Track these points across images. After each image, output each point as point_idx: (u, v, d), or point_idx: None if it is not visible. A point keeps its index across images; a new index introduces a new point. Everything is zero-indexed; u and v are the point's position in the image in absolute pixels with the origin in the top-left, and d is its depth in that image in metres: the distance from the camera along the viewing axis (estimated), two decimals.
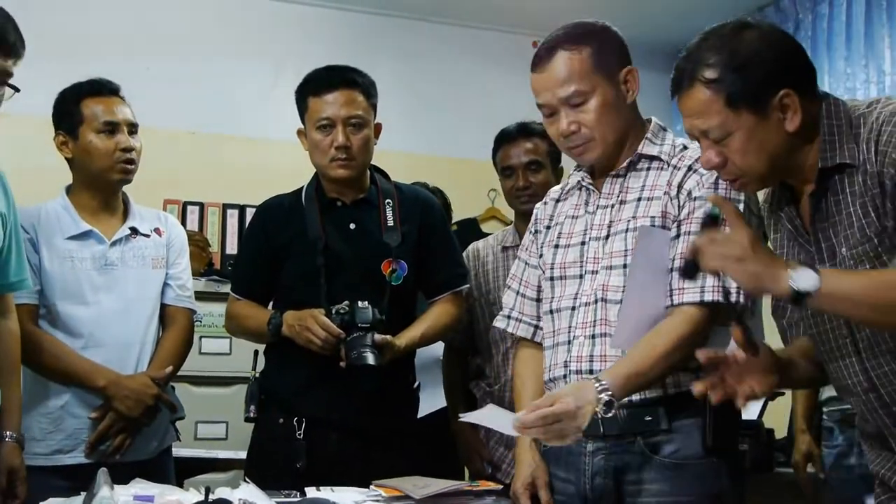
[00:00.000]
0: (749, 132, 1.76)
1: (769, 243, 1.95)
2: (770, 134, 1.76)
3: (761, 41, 1.78)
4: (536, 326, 2.34)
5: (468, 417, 2.16)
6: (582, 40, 2.15)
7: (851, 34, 4.50)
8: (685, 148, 2.20)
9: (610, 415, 1.95)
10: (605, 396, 1.93)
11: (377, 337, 2.59)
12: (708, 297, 2.04)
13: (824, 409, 3.38)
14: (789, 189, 1.89)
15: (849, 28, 4.51)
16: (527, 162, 3.25)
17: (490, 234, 3.91)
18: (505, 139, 3.34)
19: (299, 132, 2.83)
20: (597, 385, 1.94)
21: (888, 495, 1.92)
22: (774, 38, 1.81)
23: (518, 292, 2.39)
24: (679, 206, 2.13)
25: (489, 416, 2.06)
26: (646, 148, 2.21)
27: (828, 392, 3.31)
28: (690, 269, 1.79)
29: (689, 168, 2.15)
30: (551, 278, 2.27)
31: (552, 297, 2.26)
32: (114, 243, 2.82)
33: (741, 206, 2.05)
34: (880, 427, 1.85)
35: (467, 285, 2.99)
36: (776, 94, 1.74)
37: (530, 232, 2.42)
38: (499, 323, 2.41)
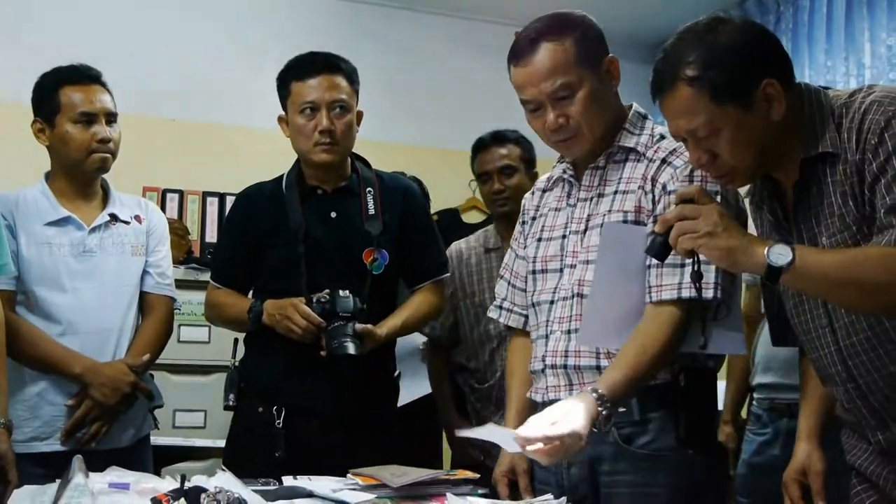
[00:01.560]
0: (736, 126, 1.75)
1: None
2: (757, 125, 1.76)
3: (737, 34, 1.77)
4: (527, 316, 2.34)
5: (468, 433, 2.11)
6: (564, 31, 2.11)
7: (832, 27, 4.51)
8: (662, 138, 2.18)
9: (606, 429, 1.95)
10: (605, 411, 1.92)
11: (358, 326, 2.60)
12: (685, 294, 2.03)
13: (755, 396, 3.42)
14: (772, 182, 1.89)
15: (829, 21, 4.53)
16: (501, 167, 3.41)
17: (471, 223, 3.94)
18: (480, 147, 3.51)
19: (280, 119, 2.82)
20: (596, 398, 1.92)
21: (864, 485, 1.93)
22: (749, 30, 1.81)
23: (509, 282, 2.39)
24: (653, 200, 2.12)
25: (489, 433, 2.04)
26: (623, 139, 2.19)
27: (759, 378, 3.35)
28: (660, 249, 1.78)
29: (664, 161, 2.14)
30: (534, 272, 2.28)
31: (534, 291, 2.26)
32: (93, 230, 2.80)
33: (718, 199, 2.06)
34: (858, 418, 1.87)
35: (448, 274, 3.00)
36: (759, 85, 1.74)
37: (521, 222, 2.42)
38: (492, 313, 2.41)
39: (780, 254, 1.64)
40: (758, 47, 1.78)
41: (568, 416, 1.87)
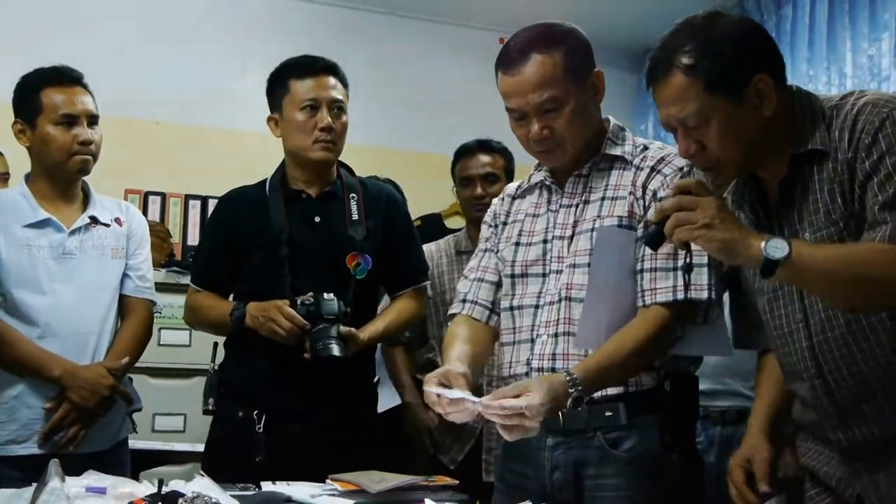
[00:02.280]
0: (727, 118, 1.76)
1: None
2: (747, 119, 1.77)
3: (735, 28, 1.80)
4: (492, 311, 2.33)
5: (433, 391, 2.03)
6: (554, 43, 2.12)
7: (814, 37, 4.54)
8: (646, 148, 2.22)
9: (578, 409, 1.96)
10: (574, 392, 1.93)
11: (342, 329, 2.60)
12: (680, 297, 2.05)
13: None
14: (754, 181, 1.91)
15: (811, 31, 4.56)
16: (485, 174, 3.51)
17: (455, 228, 3.95)
18: (465, 152, 3.59)
19: (270, 118, 2.82)
20: (567, 380, 1.94)
21: (818, 489, 1.95)
22: (747, 26, 1.83)
23: (475, 279, 2.37)
24: (645, 206, 2.14)
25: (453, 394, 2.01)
26: (608, 148, 2.22)
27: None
28: (655, 238, 1.78)
29: (653, 169, 2.16)
30: (512, 276, 2.27)
31: (512, 295, 2.26)
32: (73, 232, 2.79)
33: None
34: (820, 416, 1.88)
35: (428, 281, 3.01)
36: (752, 79, 1.76)
37: (489, 225, 2.41)
38: (454, 308, 2.39)
39: (776, 247, 1.64)
40: (754, 42, 1.80)
41: (531, 389, 1.90)
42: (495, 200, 2.46)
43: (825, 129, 1.78)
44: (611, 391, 2.09)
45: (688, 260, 1.87)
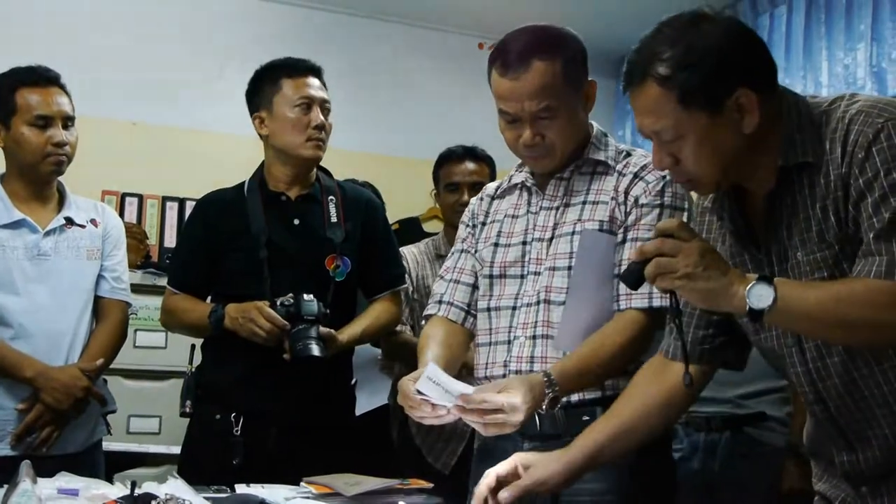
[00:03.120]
0: (702, 134, 1.64)
1: None
2: (725, 136, 1.65)
3: (718, 36, 1.64)
4: (468, 312, 2.33)
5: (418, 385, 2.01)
6: (556, 50, 2.12)
7: (790, 46, 4.58)
8: (628, 154, 2.23)
9: (555, 410, 1.96)
10: (551, 393, 1.95)
11: (322, 330, 2.60)
12: (656, 304, 2.06)
13: None
14: (738, 192, 1.80)
15: (788, 40, 4.60)
16: (471, 182, 3.49)
17: (433, 232, 3.95)
18: (451, 157, 3.58)
19: (256, 116, 2.82)
20: (545, 380, 1.96)
21: None
22: (732, 33, 1.67)
23: (451, 280, 2.37)
24: (626, 212, 2.15)
25: (429, 387, 1.99)
26: (591, 152, 2.23)
27: None
28: (634, 279, 1.69)
29: (635, 175, 2.18)
30: (490, 276, 2.28)
31: (490, 296, 2.26)
32: (48, 233, 2.77)
33: (685, 216, 2.08)
34: (826, 442, 1.80)
35: (406, 285, 3.01)
36: (732, 94, 1.63)
37: (466, 225, 2.42)
38: (430, 310, 2.39)
39: (760, 295, 1.55)
40: (737, 53, 1.65)
41: (511, 387, 1.91)
42: (473, 200, 2.46)
43: (816, 138, 1.65)
44: (587, 395, 2.10)
45: (674, 304, 1.74)
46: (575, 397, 2.09)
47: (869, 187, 1.58)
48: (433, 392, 1.96)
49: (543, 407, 1.95)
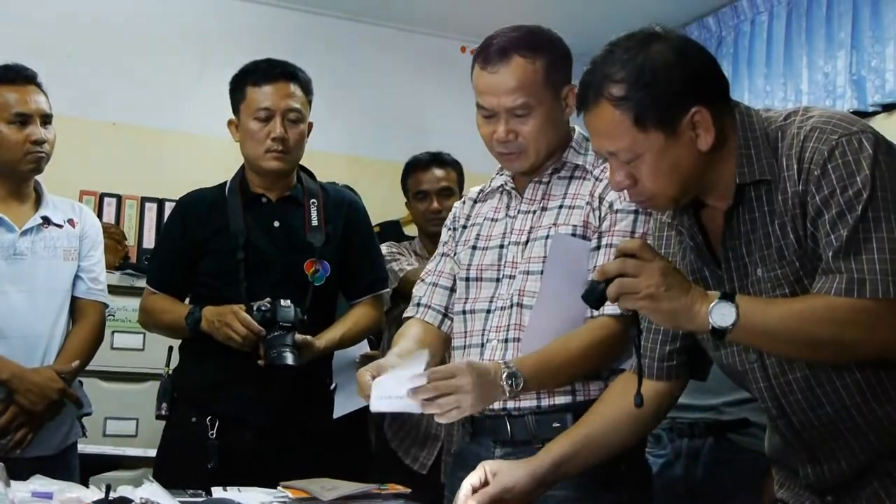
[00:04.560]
0: (659, 153, 1.65)
1: None
2: (681, 154, 1.66)
3: (670, 55, 1.66)
4: (445, 315, 2.33)
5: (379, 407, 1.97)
6: (538, 49, 2.12)
7: (771, 53, 4.62)
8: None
9: (519, 388, 1.95)
10: (512, 382, 1.93)
11: (297, 337, 2.58)
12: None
13: None
14: (696, 206, 1.81)
15: (769, 47, 4.63)
16: (440, 188, 3.52)
17: (413, 235, 3.95)
18: (418, 166, 3.59)
19: (230, 122, 2.81)
20: (503, 366, 1.95)
21: None
22: (684, 51, 1.68)
23: (431, 283, 2.37)
24: (600, 217, 2.14)
25: (394, 387, 1.98)
26: (570, 157, 2.22)
27: None
28: (596, 298, 1.66)
29: None
30: (467, 279, 2.27)
31: (466, 298, 2.26)
32: (24, 232, 2.76)
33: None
34: (790, 454, 1.82)
35: (388, 289, 3.00)
36: (687, 113, 1.64)
37: (448, 228, 2.42)
38: (409, 312, 2.39)
39: (723, 314, 1.56)
40: (690, 71, 1.66)
41: (458, 372, 1.88)
42: (457, 204, 2.46)
43: (771, 154, 1.67)
44: (558, 401, 2.09)
45: (638, 326, 1.75)
46: (545, 403, 2.08)
47: (826, 204, 1.59)
48: (389, 401, 1.92)
49: (504, 384, 1.93)
